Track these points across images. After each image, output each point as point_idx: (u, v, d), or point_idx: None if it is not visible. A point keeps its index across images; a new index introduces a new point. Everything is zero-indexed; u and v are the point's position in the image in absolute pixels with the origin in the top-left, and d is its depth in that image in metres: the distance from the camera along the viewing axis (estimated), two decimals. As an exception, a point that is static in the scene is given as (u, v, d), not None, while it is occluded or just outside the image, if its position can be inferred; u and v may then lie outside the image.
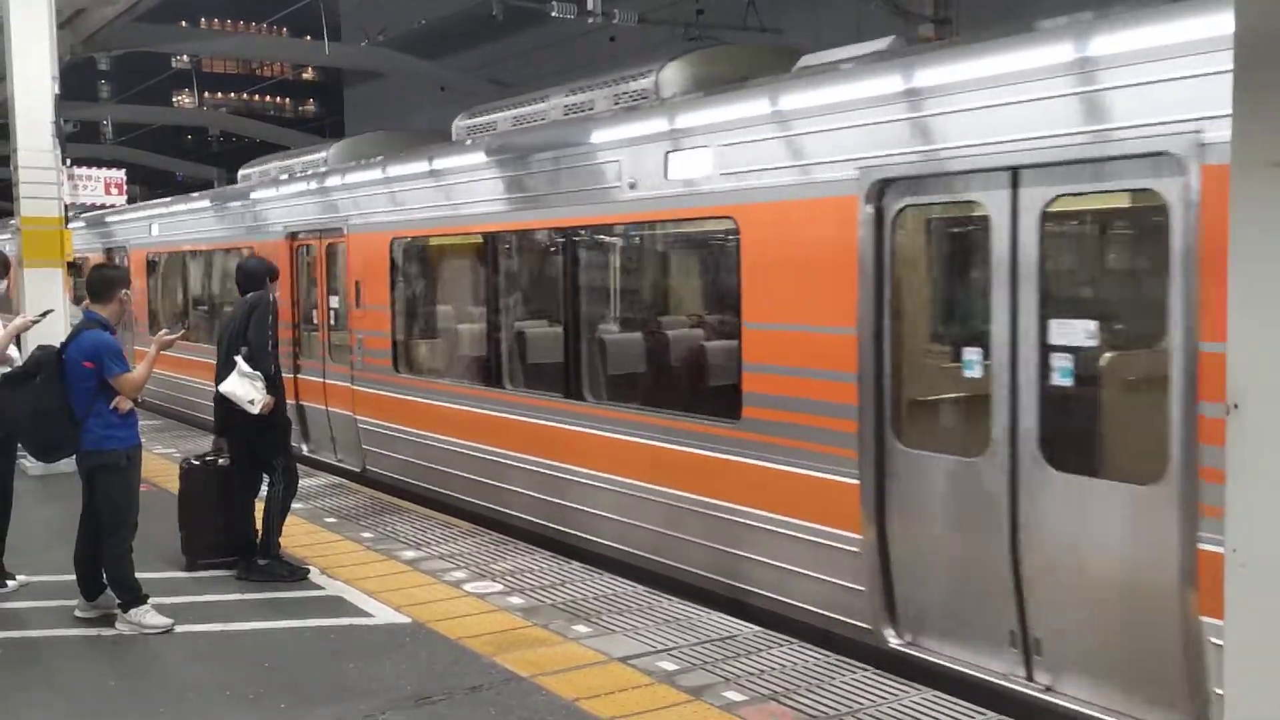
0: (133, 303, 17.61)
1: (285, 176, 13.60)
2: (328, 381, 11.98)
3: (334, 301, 11.97)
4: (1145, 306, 5.31)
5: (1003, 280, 5.45)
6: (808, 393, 6.57)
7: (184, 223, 16.48)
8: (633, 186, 7.72)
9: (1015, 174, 5.40)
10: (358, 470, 11.34)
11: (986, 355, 5.58)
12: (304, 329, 12.48)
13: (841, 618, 6.35)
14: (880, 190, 6.05)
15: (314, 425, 12.37)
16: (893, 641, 6.05)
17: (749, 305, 6.95)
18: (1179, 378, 4.77)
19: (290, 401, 11.37)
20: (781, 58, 7.97)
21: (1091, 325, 5.21)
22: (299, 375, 12.31)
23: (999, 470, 5.48)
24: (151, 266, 17.60)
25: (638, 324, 9.13)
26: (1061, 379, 5.26)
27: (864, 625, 6.20)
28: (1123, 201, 5.53)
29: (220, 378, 7.47)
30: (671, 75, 8.37)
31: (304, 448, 12.16)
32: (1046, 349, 5.28)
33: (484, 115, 10.33)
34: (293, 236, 12.50)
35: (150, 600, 6.53)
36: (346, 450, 11.69)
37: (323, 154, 13.50)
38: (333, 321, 12.00)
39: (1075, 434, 5.47)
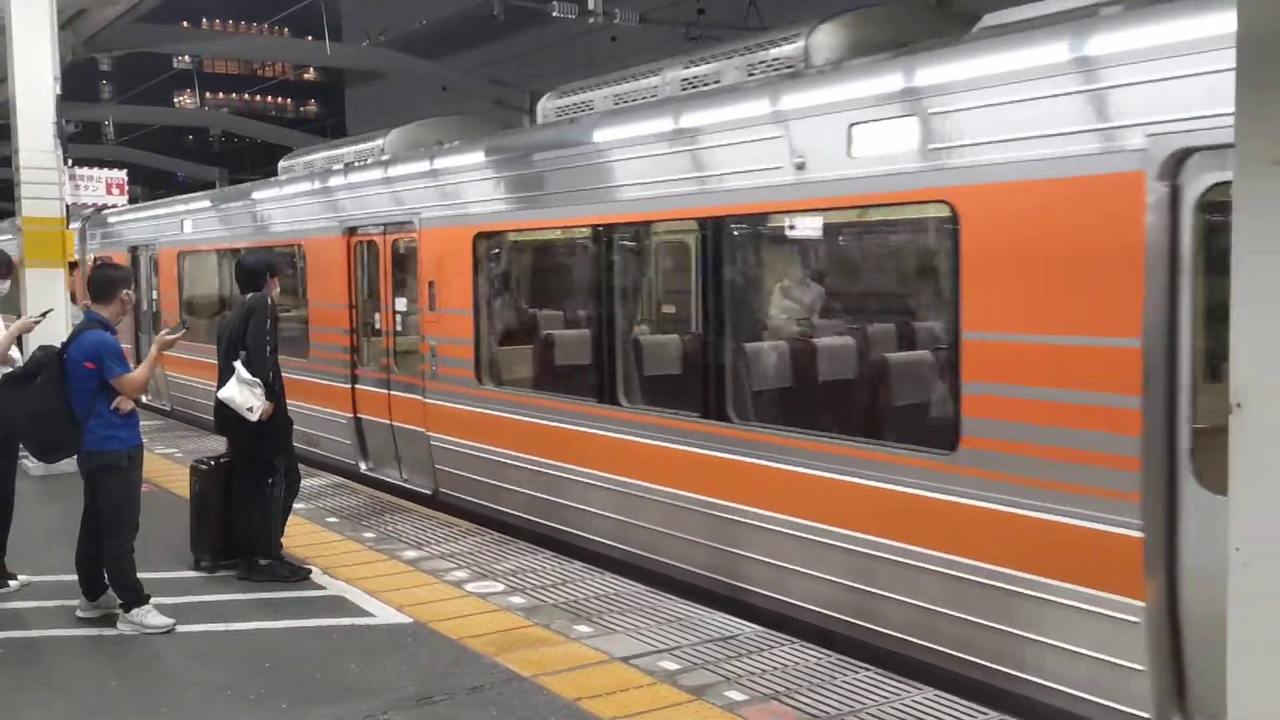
0: (164, 306, 16.44)
1: (338, 167, 12.32)
2: (393, 394, 10.78)
3: (400, 304, 10.80)
4: None
5: None
6: (1062, 420, 5.19)
7: (222, 219, 15.19)
8: (800, 167, 6.42)
9: None
10: (428, 493, 10.22)
11: None
12: (365, 334, 11.43)
13: (1112, 704, 5.02)
14: (1178, 163, 4.73)
15: (375, 441, 11.23)
16: None
17: (970, 309, 5.56)
18: None
19: (346, 414, 11.65)
20: (953, 20, 6.88)
21: None
22: (357, 385, 11.36)
23: None
24: (184, 267, 16.36)
25: (803, 330, 7.86)
26: None
27: (1143, 715, 4.94)
28: None
29: (220, 381, 7.47)
30: (825, 39, 7.21)
31: (363, 465, 11.35)
32: None
33: (576, 95, 9.18)
34: (351, 232, 11.28)
35: (152, 600, 6.53)
36: (415, 470, 10.53)
37: (377, 142, 12.18)
38: (399, 327, 10.82)
39: None
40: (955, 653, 5.65)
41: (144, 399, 14.79)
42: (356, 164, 12.00)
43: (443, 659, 5.90)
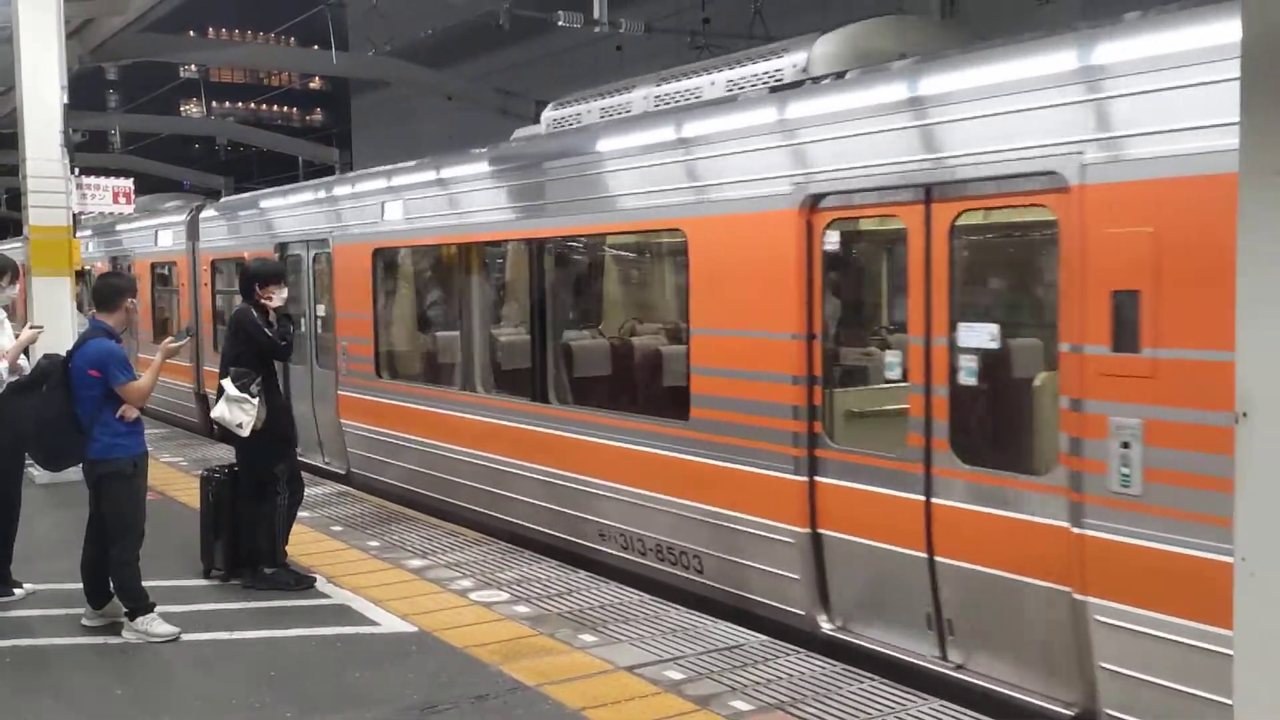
0: (348, 329, 11.54)
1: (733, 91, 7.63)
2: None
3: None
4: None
5: None
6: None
7: (475, 197, 9.76)
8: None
9: None
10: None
11: None
12: (839, 379, 6.81)
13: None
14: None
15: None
16: None
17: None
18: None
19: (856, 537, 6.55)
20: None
21: None
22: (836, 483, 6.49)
23: None
24: (388, 269, 11.52)
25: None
26: None
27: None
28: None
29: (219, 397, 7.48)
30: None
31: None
32: None
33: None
34: (813, 207, 6.40)
35: (157, 609, 6.54)
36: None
37: (791, 59, 7.29)
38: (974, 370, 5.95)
39: None
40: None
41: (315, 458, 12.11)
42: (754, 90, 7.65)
43: (447, 668, 5.90)
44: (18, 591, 7.23)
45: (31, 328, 7.87)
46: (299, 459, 8.31)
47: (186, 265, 15.93)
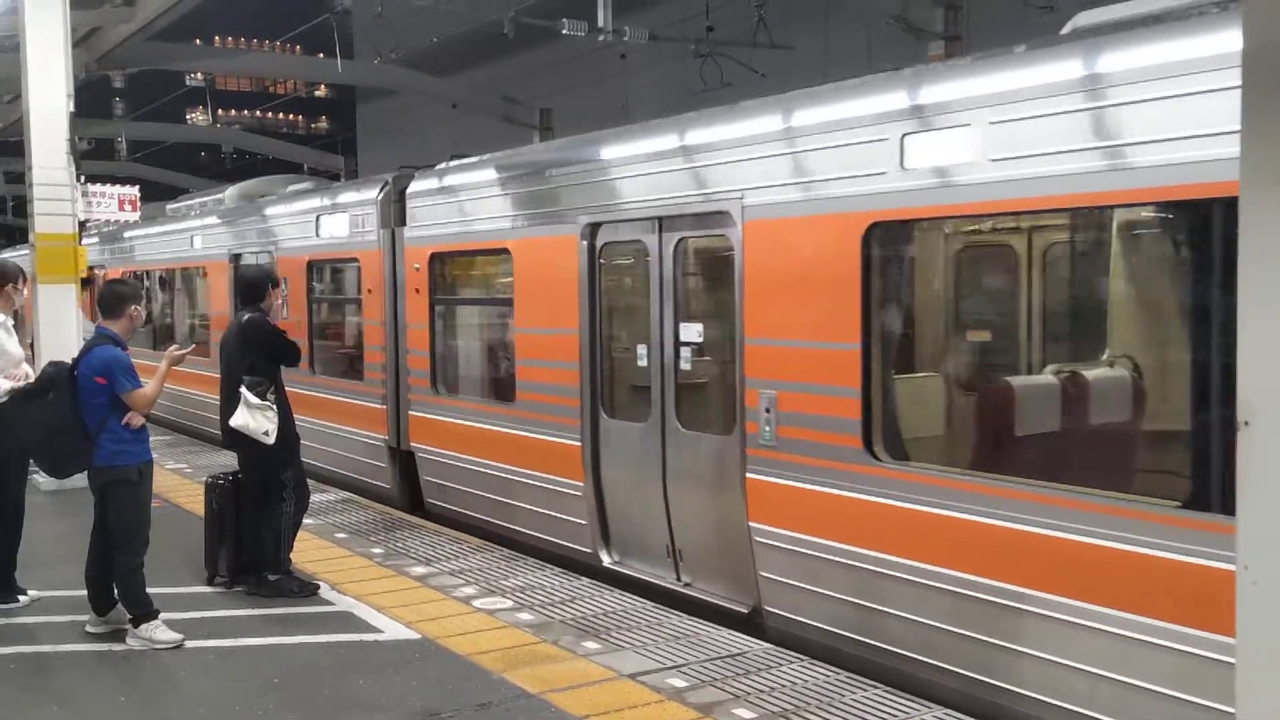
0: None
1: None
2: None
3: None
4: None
5: None
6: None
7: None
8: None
9: None
10: None
11: None
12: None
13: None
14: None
15: None
16: None
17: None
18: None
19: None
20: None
21: None
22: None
23: None
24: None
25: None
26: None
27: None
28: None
29: (225, 404, 7.48)
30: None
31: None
32: None
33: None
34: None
35: (161, 616, 6.54)
36: None
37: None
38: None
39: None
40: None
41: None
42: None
43: (451, 675, 5.90)
44: (22, 598, 7.25)
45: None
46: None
47: (378, 262, 10.91)
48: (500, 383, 9.74)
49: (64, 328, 11.33)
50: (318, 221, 12.28)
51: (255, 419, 7.31)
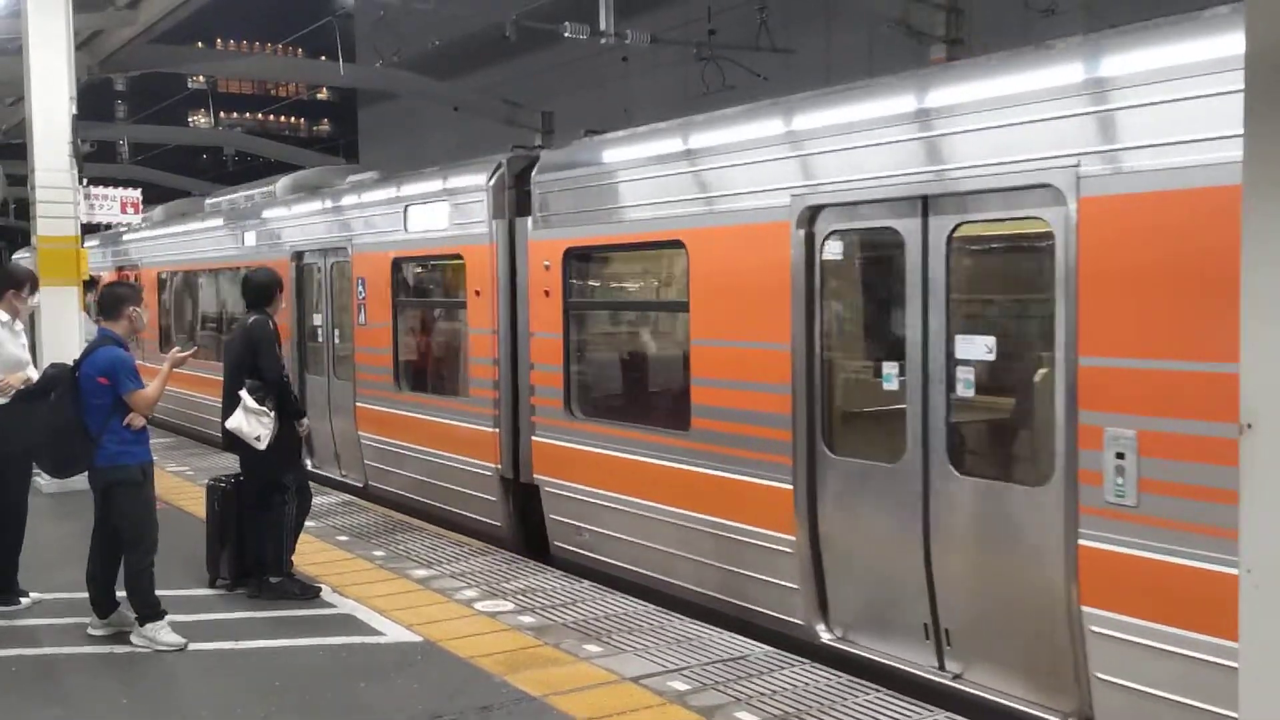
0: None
1: None
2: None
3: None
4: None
5: None
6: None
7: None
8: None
9: None
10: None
11: None
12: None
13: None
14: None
15: None
16: None
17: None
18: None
19: None
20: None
21: None
22: None
23: None
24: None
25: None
26: None
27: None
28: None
29: (226, 406, 7.49)
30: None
31: None
32: None
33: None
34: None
35: (167, 618, 6.54)
36: None
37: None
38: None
39: None
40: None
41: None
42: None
43: (452, 678, 5.90)
44: (24, 600, 7.25)
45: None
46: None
47: (488, 258, 9.23)
48: (666, 406, 8.10)
49: (66, 330, 11.33)
50: (406, 213, 10.49)
51: (250, 423, 7.30)
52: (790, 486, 6.50)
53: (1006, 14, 17.47)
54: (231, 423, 7.36)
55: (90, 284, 12.74)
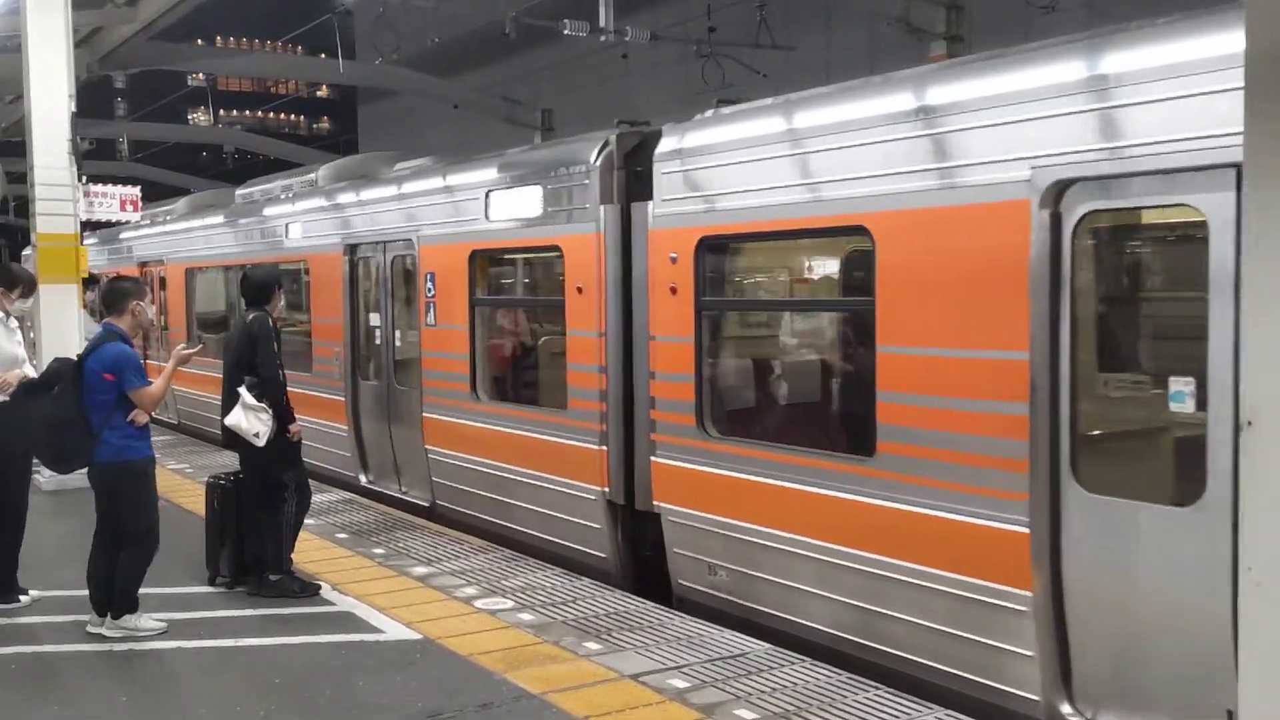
0: None
1: None
2: None
3: None
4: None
5: None
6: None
7: None
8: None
9: None
10: None
11: None
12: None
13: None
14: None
15: None
16: None
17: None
18: None
19: None
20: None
21: None
22: None
23: None
24: None
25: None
26: None
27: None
28: None
29: (226, 403, 7.48)
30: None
31: None
32: None
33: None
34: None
35: (165, 618, 6.55)
36: None
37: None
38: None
39: None
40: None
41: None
42: None
43: (452, 676, 5.90)
44: (23, 598, 7.24)
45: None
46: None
47: (593, 250, 8.03)
48: (838, 426, 7.17)
49: (66, 328, 11.32)
50: (487, 199, 9.21)
51: (249, 420, 7.30)
52: (1025, 529, 5.26)
53: (1006, 11, 17.47)
54: (230, 419, 7.36)
55: (90, 281, 12.72)
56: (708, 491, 7.14)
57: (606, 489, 8.00)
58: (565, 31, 19.08)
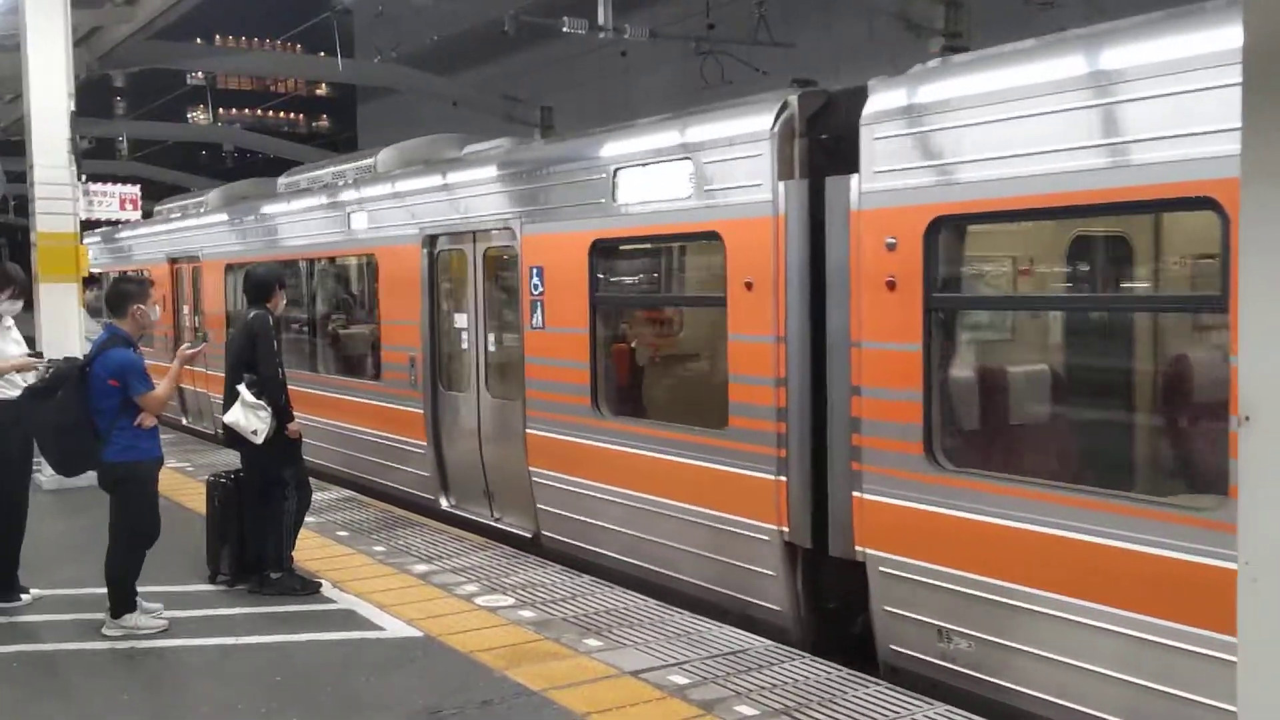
0: None
1: None
2: None
3: None
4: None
5: None
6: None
7: None
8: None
9: None
10: None
11: None
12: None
13: None
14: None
15: None
16: None
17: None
18: None
19: None
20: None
21: None
22: None
23: None
24: None
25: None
26: None
27: None
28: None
29: (227, 400, 7.50)
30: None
31: None
32: None
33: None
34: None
35: (165, 615, 6.55)
36: None
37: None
38: None
39: None
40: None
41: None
42: None
43: (453, 673, 5.91)
44: (24, 597, 7.25)
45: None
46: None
47: (768, 236, 6.63)
48: (1151, 461, 5.75)
49: (66, 327, 11.33)
50: (614, 179, 7.79)
51: (247, 417, 7.31)
52: None
53: (1005, 7, 17.46)
54: (229, 417, 7.38)
55: (90, 281, 12.72)
56: (942, 537, 5.69)
57: (785, 528, 6.58)
58: (564, 29, 19.06)
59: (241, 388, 7.33)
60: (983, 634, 5.53)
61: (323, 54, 31.36)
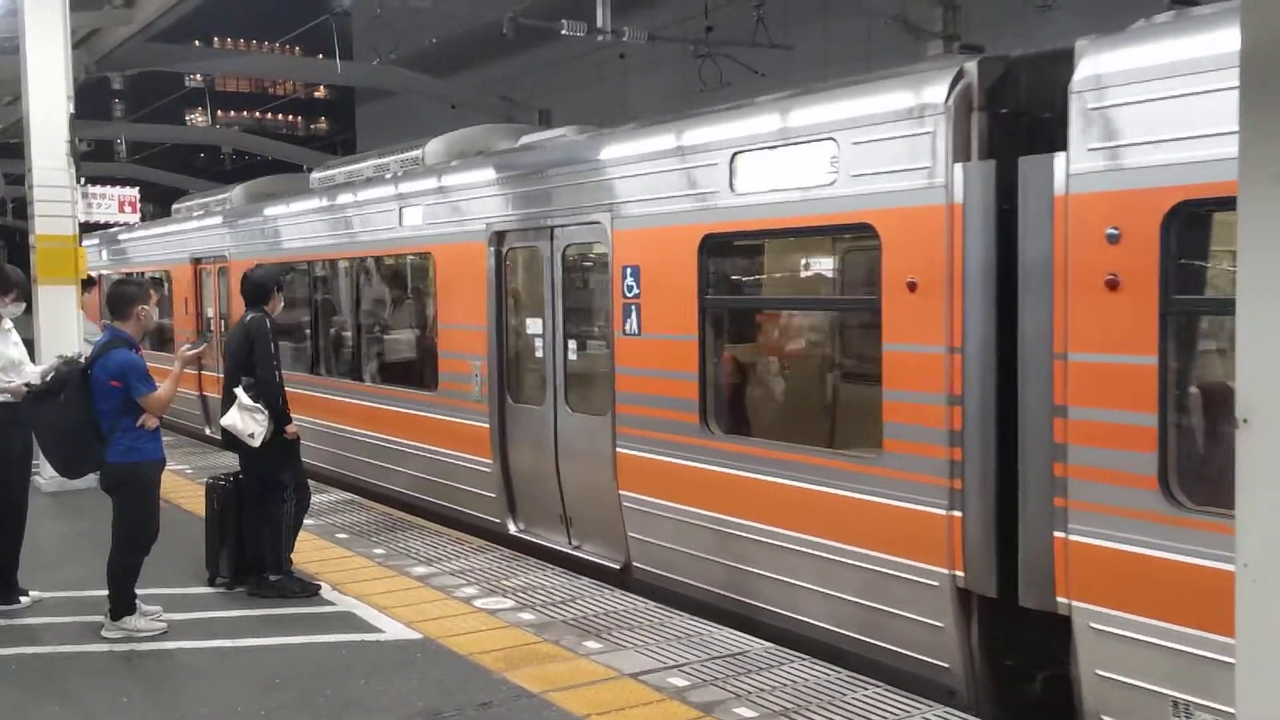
0: None
1: None
2: None
3: None
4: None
5: None
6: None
7: None
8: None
9: None
10: None
11: None
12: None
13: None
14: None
15: None
16: None
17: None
18: None
19: None
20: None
21: None
22: None
23: None
24: None
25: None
26: None
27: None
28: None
29: (225, 403, 7.50)
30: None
31: None
32: None
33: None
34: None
35: (163, 618, 6.55)
36: None
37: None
38: None
39: None
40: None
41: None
42: None
43: (452, 675, 5.91)
44: (24, 599, 7.24)
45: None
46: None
47: (939, 228, 5.62)
48: None
49: (65, 329, 11.32)
50: (732, 165, 6.82)
51: (244, 420, 7.32)
52: None
53: (1002, 9, 17.50)
54: (227, 420, 7.38)
55: (88, 283, 12.72)
56: (1180, 589, 4.75)
57: (959, 573, 5.62)
58: (563, 31, 19.08)
59: (239, 391, 7.34)
60: (1225, 707, 4.52)
61: (321, 56, 31.42)
